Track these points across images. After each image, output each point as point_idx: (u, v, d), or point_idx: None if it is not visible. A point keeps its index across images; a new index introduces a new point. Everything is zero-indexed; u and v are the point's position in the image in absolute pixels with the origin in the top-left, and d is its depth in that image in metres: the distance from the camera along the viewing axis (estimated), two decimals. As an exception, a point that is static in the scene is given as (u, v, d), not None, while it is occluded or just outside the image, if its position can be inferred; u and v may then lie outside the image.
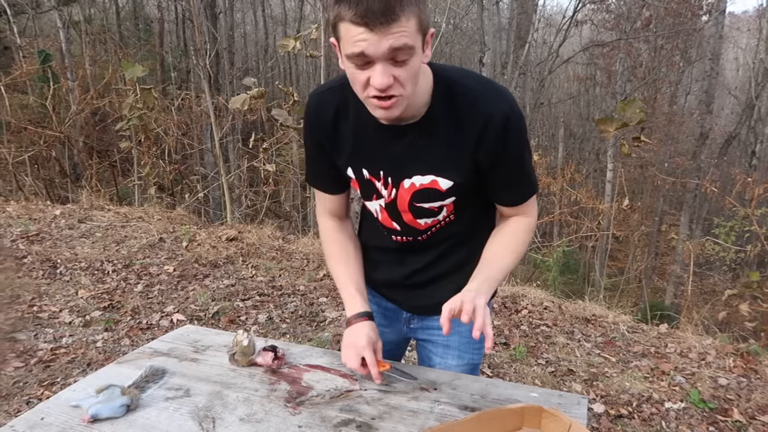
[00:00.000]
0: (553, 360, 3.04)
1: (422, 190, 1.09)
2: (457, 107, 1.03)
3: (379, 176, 1.12)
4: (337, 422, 1.01)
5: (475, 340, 1.27)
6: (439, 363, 1.31)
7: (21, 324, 3.09)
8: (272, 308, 3.55)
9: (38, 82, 9.76)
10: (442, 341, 1.31)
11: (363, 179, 1.14)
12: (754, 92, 12.54)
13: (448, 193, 1.10)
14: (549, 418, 0.96)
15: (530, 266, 7.20)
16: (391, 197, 1.13)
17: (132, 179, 7.11)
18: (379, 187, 1.13)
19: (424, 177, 1.08)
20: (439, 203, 1.12)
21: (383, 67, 0.89)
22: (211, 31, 10.78)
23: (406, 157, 1.07)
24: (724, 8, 11.44)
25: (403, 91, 0.94)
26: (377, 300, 1.36)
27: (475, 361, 1.32)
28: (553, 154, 17.27)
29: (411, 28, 0.87)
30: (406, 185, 1.10)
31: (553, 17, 19.57)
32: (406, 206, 1.13)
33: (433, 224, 1.17)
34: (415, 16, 0.88)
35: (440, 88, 1.03)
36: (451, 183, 1.08)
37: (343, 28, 0.89)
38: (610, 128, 3.97)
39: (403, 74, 0.91)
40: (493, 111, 1.01)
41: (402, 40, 0.87)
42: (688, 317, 4.13)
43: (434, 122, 1.04)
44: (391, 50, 0.87)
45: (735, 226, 8.38)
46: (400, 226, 1.17)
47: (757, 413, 2.51)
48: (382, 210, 1.17)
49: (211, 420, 1.02)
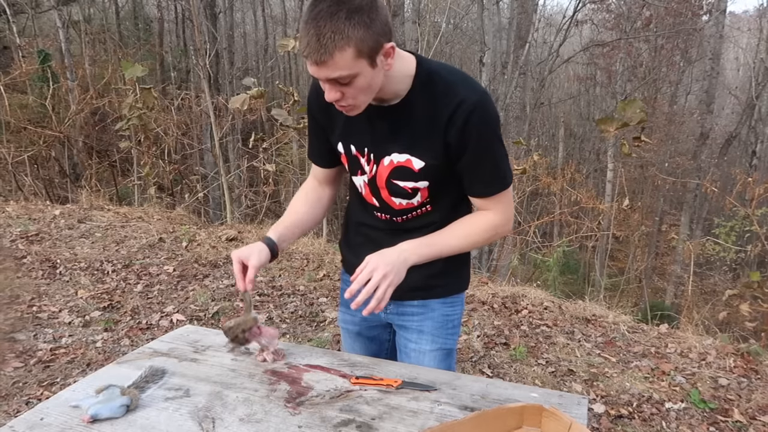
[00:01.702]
0: (553, 360, 3.04)
1: (398, 167, 1.18)
2: (434, 93, 1.12)
3: (364, 152, 1.22)
4: (337, 422, 1.01)
5: (447, 326, 1.36)
6: (414, 349, 1.36)
7: (20, 324, 3.09)
8: (272, 308, 3.54)
9: (38, 82, 9.75)
10: (416, 327, 1.36)
11: (351, 154, 1.24)
12: (754, 92, 12.54)
13: (420, 174, 1.17)
14: (549, 417, 0.96)
15: (530, 266, 7.20)
16: (372, 173, 1.22)
17: (132, 179, 7.11)
18: (363, 163, 1.23)
19: (401, 155, 1.17)
20: (412, 184, 1.19)
21: (330, 86, 1.04)
22: (211, 31, 10.78)
23: (388, 136, 1.17)
24: (724, 8, 11.43)
25: (353, 102, 1.07)
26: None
27: (449, 345, 1.38)
28: (553, 154, 17.27)
29: (346, 60, 0.98)
30: (385, 162, 1.19)
31: (553, 17, 19.58)
32: (384, 182, 1.21)
33: (408, 207, 1.24)
34: (351, 48, 0.97)
35: (421, 75, 1.13)
36: (423, 163, 1.16)
37: None
38: (610, 128, 3.97)
39: (348, 90, 1.04)
40: (464, 98, 1.09)
41: (336, 72, 0.99)
42: (689, 317, 4.13)
43: (412, 105, 1.14)
44: (329, 79, 1.01)
45: (735, 226, 8.37)
46: (379, 202, 1.26)
47: (757, 413, 2.51)
48: (365, 185, 1.26)
49: (211, 420, 1.02)
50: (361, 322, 1.44)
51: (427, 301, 1.34)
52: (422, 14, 10.58)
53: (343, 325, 1.49)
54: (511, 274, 5.69)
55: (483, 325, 3.42)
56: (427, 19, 10.15)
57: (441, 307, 1.34)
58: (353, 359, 1.28)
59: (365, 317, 1.40)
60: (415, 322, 1.35)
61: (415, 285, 1.31)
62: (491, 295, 3.86)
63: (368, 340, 1.47)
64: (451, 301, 1.35)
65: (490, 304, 3.73)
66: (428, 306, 1.34)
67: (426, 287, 1.32)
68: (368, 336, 1.46)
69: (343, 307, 1.48)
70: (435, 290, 1.33)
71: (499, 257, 8.57)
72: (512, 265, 6.36)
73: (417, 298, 1.33)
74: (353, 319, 1.45)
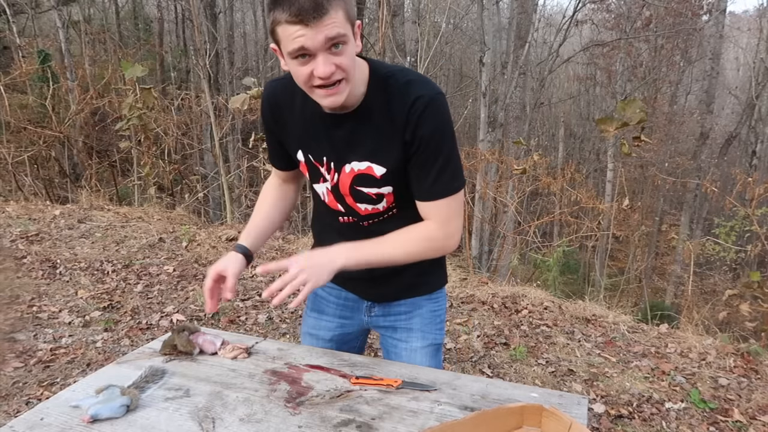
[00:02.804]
0: (553, 360, 3.04)
1: (360, 175, 1.16)
2: (390, 97, 1.10)
3: (323, 162, 1.19)
4: (337, 422, 1.01)
5: (435, 321, 1.36)
6: (405, 348, 1.35)
7: (20, 324, 3.09)
8: (272, 308, 3.54)
9: (38, 82, 9.75)
10: (404, 325, 1.35)
11: (310, 164, 1.22)
12: (754, 92, 12.53)
13: (383, 180, 1.15)
14: (549, 417, 0.95)
15: (530, 266, 7.20)
16: (335, 181, 1.20)
17: (132, 179, 7.11)
18: (323, 172, 1.21)
19: (361, 163, 1.15)
20: (375, 190, 1.17)
21: (324, 56, 0.99)
22: (211, 31, 10.78)
23: (346, 144, 1.15)
24: (724, 8, 11.44)
25: (345, 75, 1.02)
26: (336, 292, 1.39)
27: (438, 340, 1.38)
28: (553, 154, 17.26)
29: (340, 19, 0.97)
30: (347, 170, 1.17)
31: (553, 17, 19.57)
32: (347, 190, 1.19)
33: (373, 212, 1.22)
34: (341, 8, 0.97)
35: (375, 79, 1.12)
36: (384, 170, 1.14)
37: (280, 30, 0.99)
38: (610, 128, 3.97)
39: (342, 60, 1.00)
40: (419, 95, 1.08)
41: (335, 29, 0.97)
42: (689, 317, 4.13)
43: (369, 111, 1.12)
44: (327, 40, 0.97)
45: (735, 226, 8.36)
46: (344, 208, 1.24)
47: (757, 413, 2.51)
48: (329, 192, 1.23)
49: (211, 420, 1.02)
50: (338, 328, 1.41)
51: (414, 299, 1.34)
52: (422, 14, 10.57)
53: (313, 332, 1.43)
54: (511, 274, 5.69)
55: (483, 325, 3.42)
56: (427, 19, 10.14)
57: (427, 303, 1.35)
58: (353, 359, 1.28)
59: (342, 324, 1.40)
60: (403, 321, 1.35)
61: (403, 286, 1.32)
62: (491, 295, 3.86)
63: (341, 344, 1.42)
64: (435, 297, 1.36)
65: (490, 304, 3.73)
66: (416, 303, 1.35)
67: (413, 285, 1.33)
68: (341, 341, 1.42)
69: (315, 313, 1.43)
70: (422, 287, 1.34)
71: (499, 257, 8.57)
72: (512, 265, 6.35)
73: (406, 297, 1.34)
74: (328, 325, 1.41)
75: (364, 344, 1.51)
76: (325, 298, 1.41)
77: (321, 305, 1.42)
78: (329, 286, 1.38)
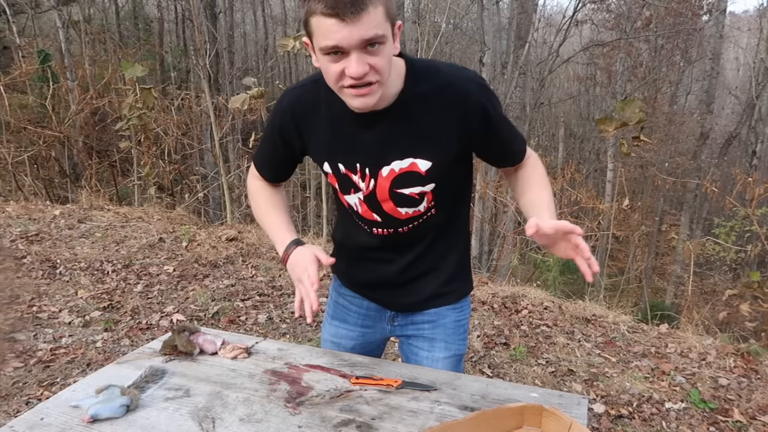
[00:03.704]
0: (553, 360, 3.04)
1: (402, 174, 1.10)
2: (431, 91, 1.06)
3: (355, 169, 1.12)
4: (337, 422, 1.01)
5: (459, 331, 1.32)
6: (427, 357, 1.32)
7: (20, 324, 3.08)
8: (272, 308, 3.54)
9: (38, 82, 9.75)
10: (428, 335, 1.31)
11: (340, 173, 1.14)
12: (754, 92, 12.53)
13: (428, 176, 1.10)
14: (549, 417, 0.95)
15: (530, 266, 7.20)
16: (370, 189, 1.13)
17: (132, 179, 7.11)
18: (356, 180, 1.13)
19: (403, 161, 1.09)
20: (419, 189, 1.12)
21: (358, 55, 0.92)
22: (211, 31, 10.77)
23: (382, 145, 1.09)
24: (724, 8, 11.43)
25: (379, 78, 0.97)
26: (358, 301, 1.35)
27: (461, 351, 1.34)
28: (553, 154, 17.26)
29: (379, 17, 0.91)
30: (384, 173, 1.10)
31: (553, 17, 19.58)
32: (387, 194, 1.12)
33: (414, 215, 1.16)
34: (381, 5, 0.91)
35: (413, 75, 1.07)
36: (430, 164, 1.09)
37: (314, 22, 0.92)
38: (609, 128, 3.97)
39: (378, 61, 0.94)
40: (469, 92, 1.06)
41: (372, 30, 0.90)
42: (689, 317, 4.13)
43: (408, 107, 1.07)
44: (362, 41, 0.91)
45: (735, 226, 8.37)
46: (381, 217, 1.17)
47: (757, 413, 2.51)
48: (362, 203, 1.16)
49: (211, 420, 1.02)
50: (359, 338, 1.37)
51: (439, 309, 1.30)
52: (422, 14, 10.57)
53: (335, 340, 1.39)
54: (511, 274, 5.69)
55: (483, 325, 3.42)
56: (427, 19, 10.15)
57: (452, 313, 1.31)
58: (353, 359, 1.27)
59: (364, 333, 1.36)
60: (427, 331, 1.31)
61: (429, 295, 1.28)
62: (491, 295, 3.86)
63: (362, 353, 1.36)
64: (460, 306, 1.32)
65: (490, 304, 3.73)
66: (440, 313, 1.30)
67: (438, 295, 1.28)
68: (362, 350, 1.37)
69: (336, 321, 1.39)
70: (447, 297, 1.30)
71: (499, 257, 8.58)
72: (512, 265, 6.36)
73: (431, 307, 1.30)
74: (350, 334, 1.37)
75: (383, 352, 1.49)
76: (347, 307, 1.37)
77: (343, 314, 1.38)
78: (350, 295, 1.35)
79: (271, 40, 17.89)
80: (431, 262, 1.26)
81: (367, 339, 1.37)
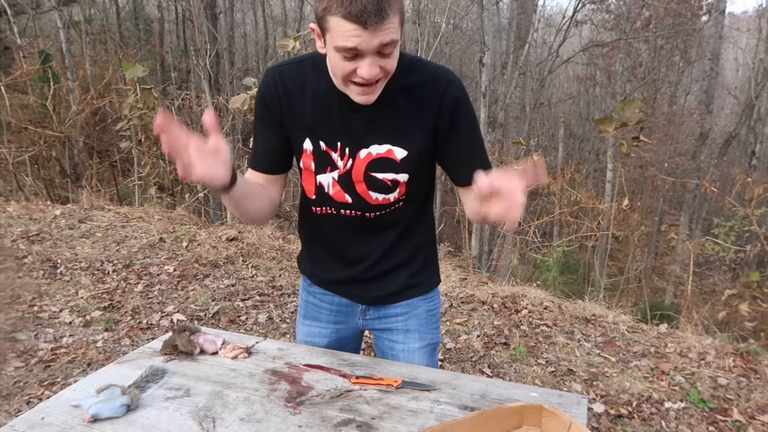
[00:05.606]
0: (553, 360, 3.04)
1: (378, 159, 1.15)
2: (415, 83, 1.12)
3: (336, 147, 1.16)
4: (337, 422, 1.02)
5: (431, 320, 1.35)
6: (402, 349, 1.34)
7: (21, 324, 3.09)
8: (272, 308, 3.55)
9: (38, 82, 9.75)
10: (402, 327, 1.34)
11: (319, 150, 1.17)
12: (753, 92, 12.53)
13: (401, 165, 1.15)
14: (549, 417, 0.96)
15: (530, 266, 7.20)
16: (347, 168, 1.16)
17: (132, 179, 7.11)
18: (335, 158, 1.16)
19: (381, 146, 1.14)
20: (392, 176, 1.16)
21: (372, 59, 0.97)
22: (211, 31, 10.78)
23: (365, 129, 1.13)
24: (723, 8, 11.44)
25: (386, 78, 1.04)
26: (329, 298, 1.37)
27: (435, 340, 1.38)
28: (553, 154, 17.26)
29: (396, 24, 0.96)
30: (362, 155, 1.15)
31: (553, 17, 19.57)
32: (362, 176, 1.16)
33: (384, 202, 1.19)
34: (399, 12, 0.96)
35: (401, 67, 1.10)
36: (405, 153, 1.14)
37: (333, 21, 0.94)
38: (609, 128, 3.98)
39: (388, 64, 1.00)
40: (449, 82, 1.12)
41: (390, 36, 0.95)
42: (688, 317, 4.13)
43: (393, 97, 1.11)
44: (380, 46, 0.95)
45: (735, 226, 8.37)
46: (352, 198, 1.19)
47: (756, 413, 2.51)
48: (335, 183, 1.18)
49: (211, 420, 1.02)
50: (333, 334, 1.39)
51: (411, 300, 1.34)
52: (422, 14, 10.56)
53: (308, 339, 1.40)
54: (511, 274, 5.69)
55: (483, 325, 3.42)
56: (427, 19, 10.14)
57: (423, 303, 1.35)
58: (353, 359, 1.28)
59: (337, 330, 1.39)
60: (400, 323, 1.34)
61: (399, 287, 1.31)
62: (491, 295, 3.86)
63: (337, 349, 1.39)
64: (431, 296, 1.36)
65: (490, 304, 3.73)
66: (412, 304, 1.34)
67: (409, 286, 1.32)
68: (337, 347, 1.39)
69: (308, 320, 1.40)
70: (418, 288, 1.34)
71: (499, 257, 8.58)
72: (512, 265, 6.36)
73: (402, 299, 1.33)
74: (323, 331, 1.39)
75: (360, 345, 1.51)
76: (318, 305, 1.39)
77: (315, 312, 1.39)
78: (320, 292, 1.37)
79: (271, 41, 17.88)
80: (400, 256, 1.29)
81: (341, 335, 1.40)
